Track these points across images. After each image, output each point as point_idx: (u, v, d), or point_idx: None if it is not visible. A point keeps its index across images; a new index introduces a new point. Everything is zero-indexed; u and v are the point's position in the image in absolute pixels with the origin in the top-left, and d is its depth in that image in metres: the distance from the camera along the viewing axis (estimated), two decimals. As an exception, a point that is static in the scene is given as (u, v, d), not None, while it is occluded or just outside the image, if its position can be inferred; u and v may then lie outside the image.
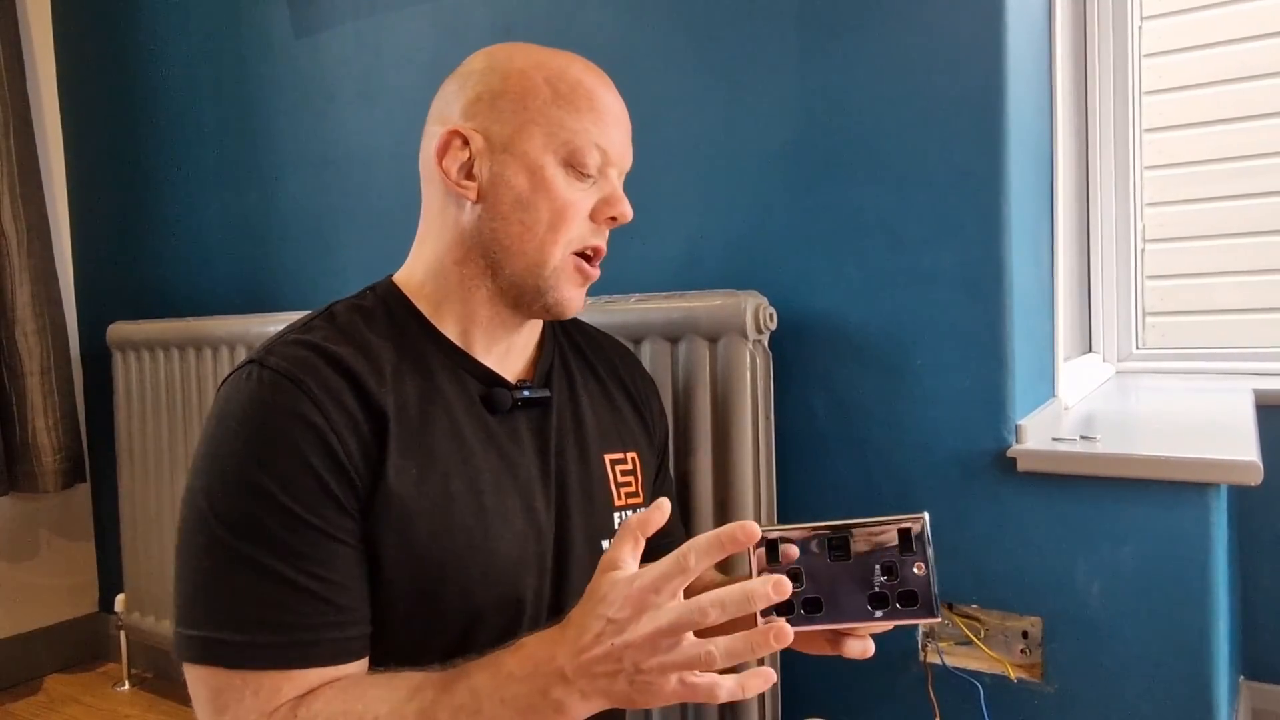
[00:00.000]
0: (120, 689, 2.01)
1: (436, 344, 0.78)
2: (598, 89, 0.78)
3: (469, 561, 0.73)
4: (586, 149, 0.76)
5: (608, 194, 0.79)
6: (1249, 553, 1.59)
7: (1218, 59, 1.87)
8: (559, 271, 0.77)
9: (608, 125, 0.77)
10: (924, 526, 0.64)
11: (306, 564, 0.66)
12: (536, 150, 0.75)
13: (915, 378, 1.11)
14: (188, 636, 0.66)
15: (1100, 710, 1.02)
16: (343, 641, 0.67)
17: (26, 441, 1.97)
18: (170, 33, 1.96)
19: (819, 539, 0.66)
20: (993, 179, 1.06)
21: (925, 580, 0.64)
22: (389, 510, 0.69)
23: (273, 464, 0.66)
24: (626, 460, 0.88)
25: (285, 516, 0.66)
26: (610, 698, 0.59)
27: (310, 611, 0.66)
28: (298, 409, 0.67)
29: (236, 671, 0.64)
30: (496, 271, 0.77)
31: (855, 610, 0.65)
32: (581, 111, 0.76)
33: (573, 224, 0.76)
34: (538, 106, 0.75)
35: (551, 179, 0.75)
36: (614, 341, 0.97)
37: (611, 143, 0.78)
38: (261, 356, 0.71)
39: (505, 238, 0.76)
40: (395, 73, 1.60)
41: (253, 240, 1.85)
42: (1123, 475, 0.99)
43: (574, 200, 0.76)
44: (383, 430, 0.70)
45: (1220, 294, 1.88)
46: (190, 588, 0.67)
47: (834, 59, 1.15)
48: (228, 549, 0.65)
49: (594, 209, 0.78)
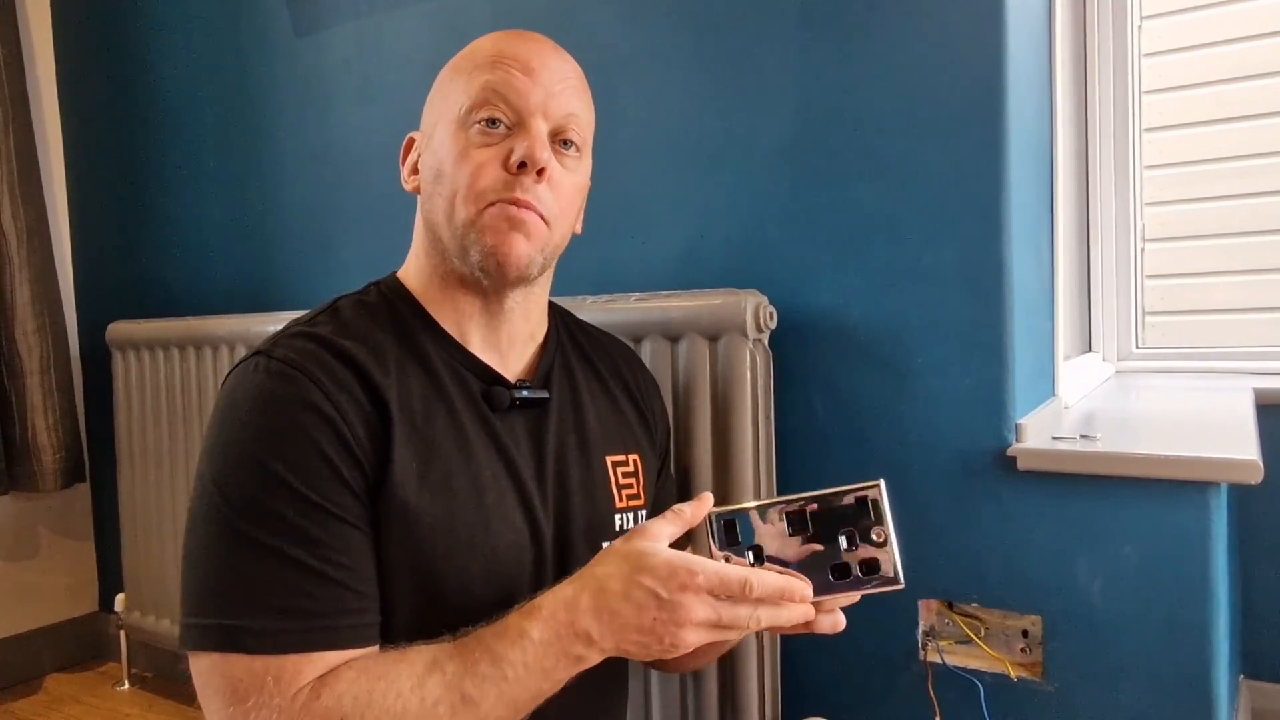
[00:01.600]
0: (120, 688, 2.00)
1: (438, 340, 0.78)
2: (505, 44, 0.77)
3: (470, 557, 0.73)
4: (483, 103, 0.75)
5: (518, 141, 0.75)
6: (1249, 551, 1.59)
7: (1217, 58, 1.87)
8: (479, 224, 0.74)
9: (511, 71, 0.75)
10: (880, 492, 0.64)
11: (323, 549, 0.66)
12: (441, 122, 0.78)
13: (915, 376, 1.11)
14: (202, 626, 0.65)
15: (1100, 709, 1.02)
16: (361, 627, 0.68)
17: (26, 441, 1.97)
18: (169, 31, 1.96)
19: (777, 513, 0.66)
20: (993, 178, 1.06)
21: (886, 547, 0.64)
22: (392, 503, 0.70)
23: (285, 451, 0.66)
24: (628, 462, 0.88)
25: (300, 503, 0.66)
26: (634, 655, 0.64)
27: (329, 596, 0.66)
28: (308, 397, 0.68)
29: (257, 657, 0.64)
30: (445, 251, 0.78)
31: (818, 583, 0.65)
32: (479, 68, 0.76)
33: (480, 176, 0.74)
34: (442, 86, 0.80)
35: (452, 143, 0.76)
36: (617, 342, 0.97)
37: (515, 90, 0.74)
38: (268, 349, 0.71)
39: (434, 212, 0.78)
40: (395, 71, 1.60)
41: (253, 239, 1.85)
42: (1123, 474, 0.99)
43: (475, 154, 0.74)
44: (387, 421, 0.71)
45: (1220, 293, 1.88)
46: (203, 576, 0.67)
47: (834, 58, 1.15)
48: (243, 536, 0.65)
49: (504, 159, 0.75)
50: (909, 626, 1.13)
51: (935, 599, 1.11)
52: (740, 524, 0.67)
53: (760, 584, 0.61)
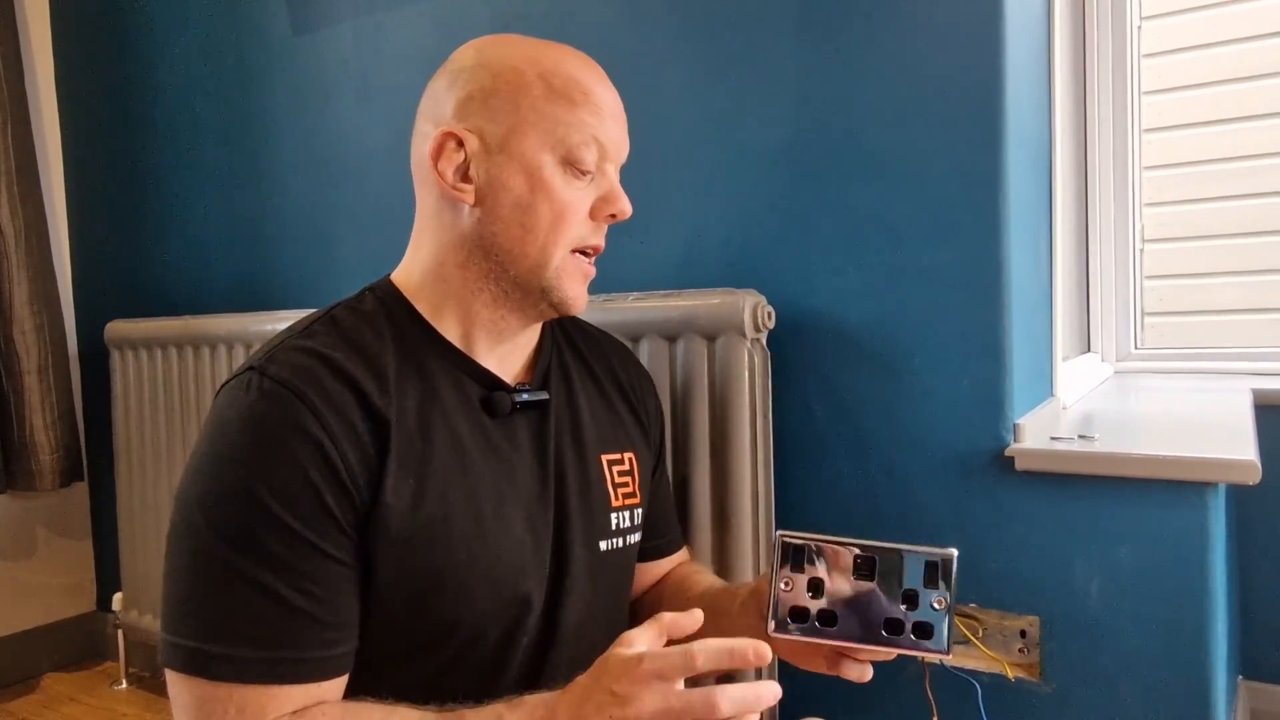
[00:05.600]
0: (117, 687, 2.00)
1: (437, 347, 0.77)
2: (592, 82, 0.76)
3: (469, 572, 0.72)
4: (583, 145, 0.74)
5: (606, 191, 0.78)
6: (1247, 552, 1.58)
7: (1216, 59, 1.87)
8: (561, 271, 0.76)
9: (604, 119, 0.76)
10: (952, 562, 0.64)
11: (298, 580, 0.65)
12: (533, 149, 0.74)
13: (914, 376, 1.11)
14: (173, 644, 0.65)
15: (1098, 710, 1.02)
16: (329, 659, 0.67)
17: (24, 440, 1.96)
18: (168, 30, 1.96)
19: (847, 552, 0.66)
20: (992, 178, 1.06)
21: (944, 615, 0.64)
22: (386, 528, 0.69)
23: (271, 477, 0.65)
24: (623, 461, 0.88)
25: (281, 531, 0.65)
26: None
27: (299, 629, 0.65)
28: (299, 421, 0.66)
29: (221, 684, 0.64)
30: (500, 274, 0.76)
31: (868, 632, 0.64)
32: (577, 106, 0.74)
33: (573, 223, 0.76)
34: (531, 104, 0.74)
35: (550, 179, 0.74)
36: (611, 339, 0.97)
37: (609, 137, 0.76)
38: (262, 365, 0.69)
39: (507, 241, 0.75)
40: (394, 70, 1.59)
41: (251, 238, 1.84)
42: (1121, 474, 0.99)
43: (573, 200, 0.75)
44: (384, 440, 0.70)
45: (1219, 294, 1.88)
46: (178, 596, 0.66)
47: (834, 57, 1.15)
48: (220, 560, 0.64)
49: (593, 207, 0.77)
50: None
51: (933, 599, 1.11)
52: (807, 553, 0.67)
53: (703, 650, 0.58)
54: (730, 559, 1.12)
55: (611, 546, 0.85)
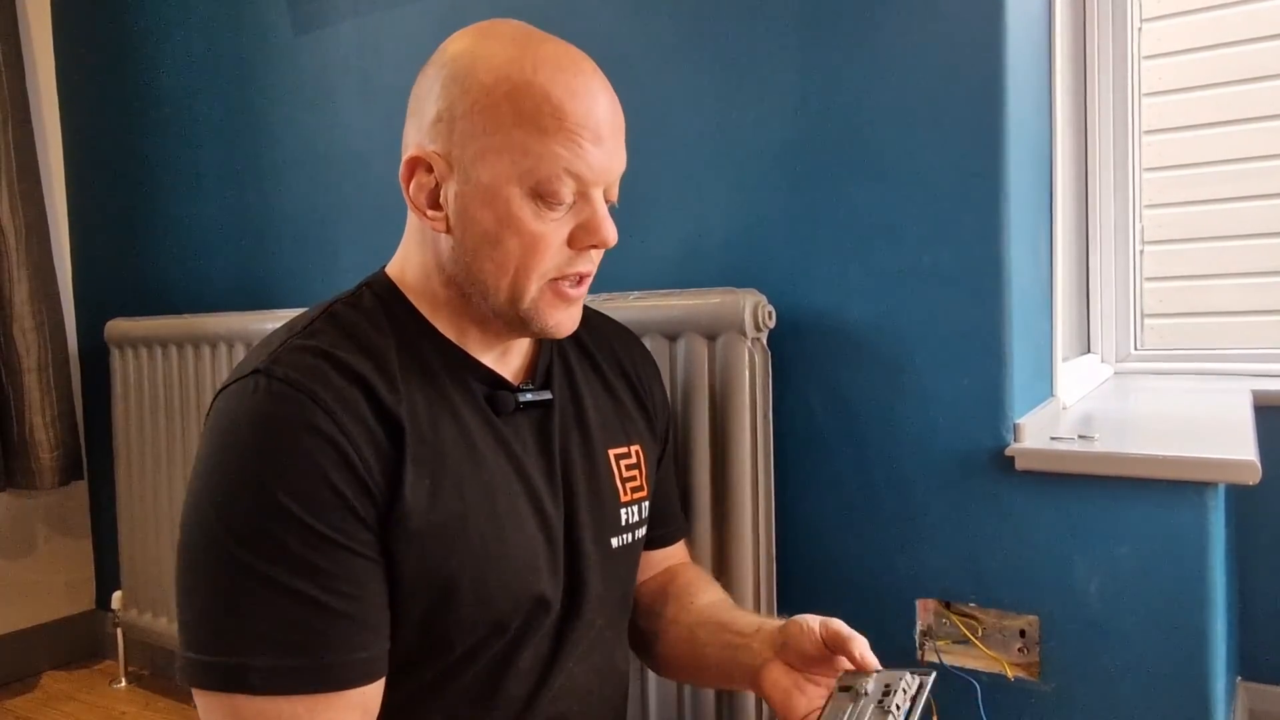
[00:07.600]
0: (117, 686, 2.00)
1: (436, 345, 0.76)
2: (570, 101, 0.68)
3: (486, 569, 0.72)
4: (554, 178, 0.68)
5: (585, 219, 0.71)
6: (1247, 553, 1.58)
7: (1217, 61, 1.87)
8: (538, 303, 0.73)
9: (581, 146, 0.69)
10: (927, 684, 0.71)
11: (331, 581, 0.63)
12: (500, 180, 0.69)
13: (914, 376, 1.11)
14: (203, 663, 0.62)
15: (1097, 709, 1.02)
16: (371, 661, 0.65)
17: (24, 438, 1.96)
18: (169, 28, 1.96)
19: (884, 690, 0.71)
20: (992, 179, 1.06)
21: None
22: (405, 525, 0.67)
23: (289, 479, 0.63)
24: (630, 454, 0.87)
25: (306, 533, 0.63)
26: None
27: (337, 632, 0.63)
28: (312, 421, 0.64)
29: (269, 698, 0.61)
30: (480, 301, 0.74)
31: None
32: (547, 135, 0.68)
33: (545, 256, 0.71)
34: (498, 127, 0.68)
35: (518, 212, 0.69)
36: (613, 325, 0.95)
37: (587, 166, 0.69)
38: (267, 366, 0.67)
39: (479, 273, 0.72)
40: (395, 70, 1.60)
41: (251, 237, 1.84)
42: (1121, 474, 0.99)
43: (545, 231, 0.70)
44: (398, 439, 0.68)
45: (1218, 296, 1.88)
46: (203, 610, 0.63)
47: (834, 57, 1.15)
48: (246, 569, 0.62)
49: (572, 235, 0.72)
50: (906, 626, 1.13)
51: (932, 599, 1.11)
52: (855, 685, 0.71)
53: None
54: (730, 559, 1.12)
55: (622, 543, 0.84)
